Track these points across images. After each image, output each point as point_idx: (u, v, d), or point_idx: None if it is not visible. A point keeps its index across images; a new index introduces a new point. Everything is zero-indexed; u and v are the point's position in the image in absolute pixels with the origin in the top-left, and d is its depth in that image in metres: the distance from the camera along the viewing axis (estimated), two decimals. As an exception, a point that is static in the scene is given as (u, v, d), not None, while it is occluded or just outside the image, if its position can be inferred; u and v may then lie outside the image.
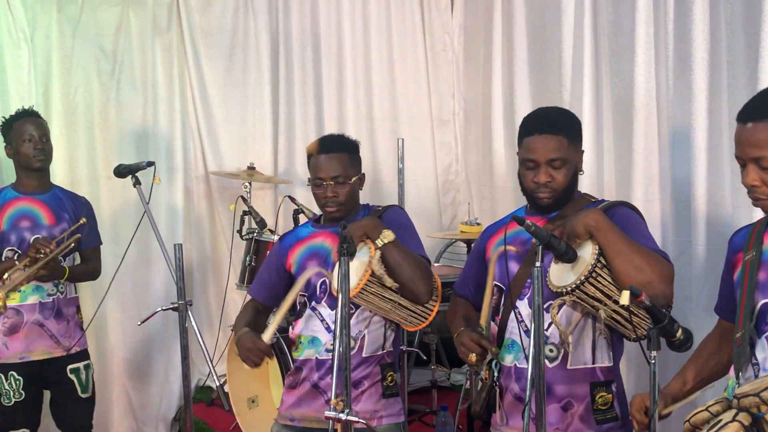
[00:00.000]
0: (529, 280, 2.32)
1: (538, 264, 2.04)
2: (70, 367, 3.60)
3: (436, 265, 4.72)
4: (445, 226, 5.28)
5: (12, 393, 3.48)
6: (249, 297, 3.03)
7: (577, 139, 2.43)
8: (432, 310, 2.69)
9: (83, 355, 3.69)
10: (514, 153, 4.48)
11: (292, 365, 2.85)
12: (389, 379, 2.75)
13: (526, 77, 4.43)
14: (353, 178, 2.76)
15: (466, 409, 4.23)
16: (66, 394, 3.62)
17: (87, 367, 3.68)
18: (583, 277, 2.09)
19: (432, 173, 5.26)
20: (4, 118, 3.65)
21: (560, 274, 2.18)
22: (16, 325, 3.49)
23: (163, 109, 4.72)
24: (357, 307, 2.66)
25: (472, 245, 4.29)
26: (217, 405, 4.54)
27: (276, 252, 2.91)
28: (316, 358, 2.71)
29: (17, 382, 3.48)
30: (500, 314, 2.43)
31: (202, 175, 4.94)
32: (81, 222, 3.55)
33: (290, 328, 2.85)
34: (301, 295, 2.77)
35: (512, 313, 2.37)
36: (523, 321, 2.35)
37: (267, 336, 2.62)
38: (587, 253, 2.12)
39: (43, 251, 3.36)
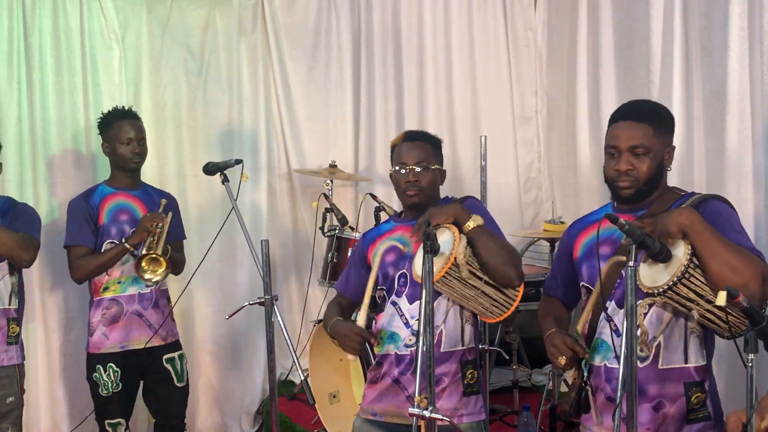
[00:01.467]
0: (619, 280, 2.27)
1: (631, 263, 1.99)
2: (166, 356, 3.73)
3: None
4: (526, 224, 5.23)
5: (110, 384, 3.61)
6: (334, 293, 3.06)
7: (666, 131, 2.36)
8: (514, 301, 2.65)
9: (177, 345, 3.82)
10: (599, 151, 4.43)
11: (373, 360, 2.87)
12: (470, 376, 2.73)
13: (612, 73, 4.35)
14: (435, 166, 2.78)
15: (549, 409, 4.17)
16: (163, 383, 3.74)
17: (181, 357, 3.80)
18: (675, 278, 2.03)
19: (513, 171, 5.21)
20: (103, 114, 3.78)
21: (651, 274, 2.12)
22: (116, 315, 3.63)
23: (248, 108, 4.80)
24: (436, 298, 2.63)
25: (557, 244, 4.28)
26: (299, 399, 4.60)
27: (359, 247, 2.95)
28: (396, 353, 2.71)
29: (115, 374, 3.61)
30: (590, 315, 2.38)
31: (285, 173, 5.00)
32: (168, 216, 3.66)
33: (373, 322, 2.86)
34: (379, 288, 2.79)
35: (602, 313, 2.33)
36: (612, 320, 2.31)
37: (361, 321, 2.66)
38: (680, 252, 2.06)
39: (158, 224, 3.51)
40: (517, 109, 5.23)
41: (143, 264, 3.54)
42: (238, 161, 3.30)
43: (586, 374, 2.38)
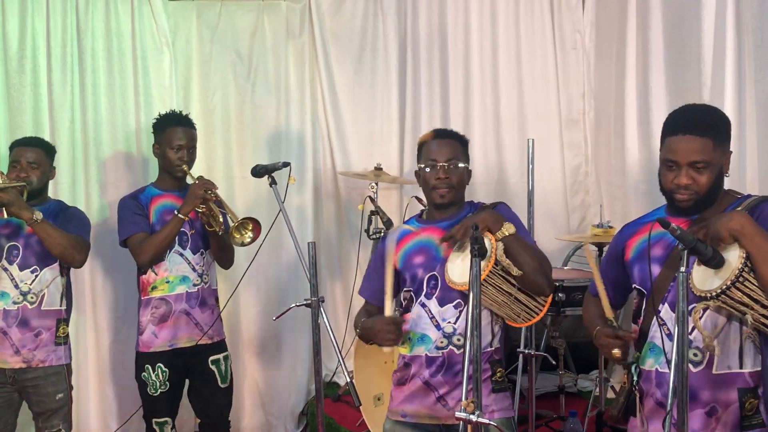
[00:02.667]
0: (671, 284, 2.25)
1: (683, 269, 1.96)
2: (211, 358, 3.77)
3: (564, 268, 4.63)
4: (573, 228, 5.17)
5: (158, 383, 3.66)
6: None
7: (725, 141, 2.32)
8: (544, 306, 2.64)
9: (222, 345, 3.85)
10: (649, 153, 4.43)
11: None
12: (498, 374, 2.72)
13: (662, 75, 4.29)
14: (464, 164, 2.77)
15: (595, 416, 4.12)
16: (207, 384, 3.79)
17: (226, 358, 3.84)
18: (729, 282, 2.00)
19: (560, 174, 5.16)
20: (159, 116, 3.84)
21: (704, 278, 2.09)
22: (165, 314, 3.68)
23: (295, 111, 4.83)
24: (466, 302, 2.61)
25: (605, 248, 4.23)
26: (343, 401, 4.61)
27: (381, 251, 2.90)
28: (426, 354, 2.69)
29: (164, 374, 3.67)
30: (641, 318, 2.37)
31: (330, 176, 5.02)
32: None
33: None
34: (406, 290, 2.78)
35: (654, 317, 2.30)
36: (665, 325, 2.28)
37: (388, 310, 2.64)
38: (733, 256, 2.02)
39: (209, 189, 3.56)
40: (564, 111, 5.18)
41: (234, 234, 3.54)
42: (286, 164, 3.32)
43: (635, 379, 2.35)
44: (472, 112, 5.04)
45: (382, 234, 4.35)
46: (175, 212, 3.60)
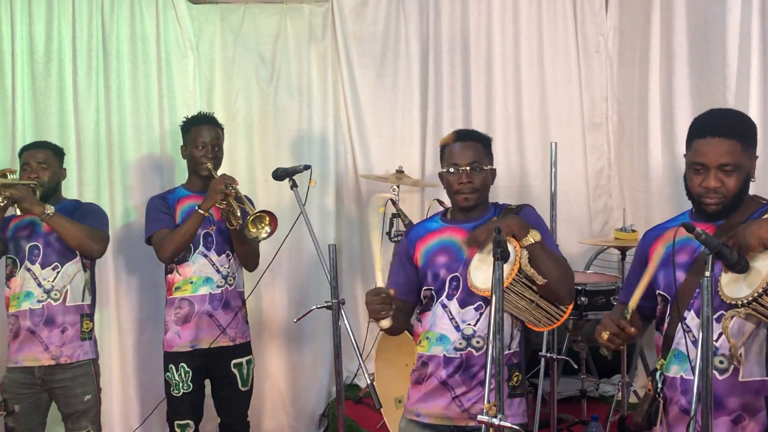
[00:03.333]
0: (697, 290, 2.23)
1: (707, 274, 1.94)
2: (234, 361, 3.78)
3: (587, 272, 4.61)
4: (595, 232, 5.14)
5: (181, 384, 3.68)
6: None
7: (752, 145, 2.30)
8: (565, 312, 2.62)
9: (246, 348, 3.86)
10: (672, 158, 4.40)
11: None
12: (515, 379, 2.70)
13: (686, 78, 4.26)
14: (488, 166, 2.75)
15: (617, 420, 4.09)
16: (228, 387, 3.80)
17: (249, 362, 3.85)
18: (761, 290, 1.97)
19: (582, 178, 5.13)
20: (186, 118, 3.87)
21: (733, 285, 2.06)
22: (188, 315, 3.71)
23: (317, 114, 4.84)
24: (487, 305, 2.61)
25: (628, 252, 4.21)
26: (364, 403, 4.61)
27: (404, 245, 2.89)
28: (444, 355, 2.68)
29: (186, 374, 3.68)
30: (666, 324, 2.35)
31: (352, 178, 5.03)
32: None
33: (417, 321, 2.82)
34: (426, 288, 2.76)
35: (679, 323, 2.28)
36: (690, 331, 2.25)
37: (379, 281, 2.59)
38: (763, 265, 2.00)
39: (231, 184, 3.56)
40: (586, 115, 5.15)
41: (251, 228, 3.51)
42: (307, 167, 3.34)
43: (660, 385, 2.33)
44: (494, 115, 5.03)
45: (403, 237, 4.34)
46: (196, 208, 3.61)
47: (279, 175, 3.42)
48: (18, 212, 3.43)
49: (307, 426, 4.84)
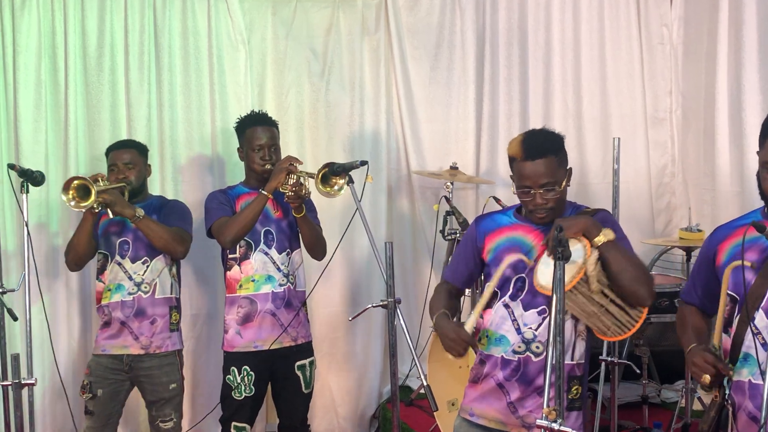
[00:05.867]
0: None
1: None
2: (298, 363, 3.73)
3: (650, 273, 4.44)
4: (658, 231, 4.98)
5: (244, 387, 3.64)
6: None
7: None
8: (637, 322, 2.50)
9: (308, 349, 3.81)
10: (741, 154, 4.22)
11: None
12: (574, 391, 2.61)
13: (756, 71, 4.15)
14: (563, 183, 2.58)
15: (681, 428, 3.94)
16: (290, 389, 3.75)
17: (311, 364, 3.80)
18: None
19: (645, 175, 4.98)
20: (239, 117, 3.83)
21: None
22: (250, 314, 3.66)
23: (369, 109, 4.77)
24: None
25: (693, 252, 4.04)
26: (416, 405, 4.53)
27: (472, 236, 2.79)
28: (502, 356, 2.61)
29: (249, 377, 3.63)
30: (734, 326, 2.24)
31: (404, 175, 4.95)
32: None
33: (480, 318, 2.71)
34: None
35: (748, 326, 2.17)
36: (760, 334, 2.15)
37: (469, 326, 2.55)
38: None
39: (295, 162, 3.54)
40: (649, 109, 5.01)
41: (322, 188, 3.46)
42: (363, 162, 3.24)
43: (727, 392, 2.24)
44: (552, 110, 4.90)
45: (458, 235, 4.24)
46: (260, 190, 3.56)
47: (335, 170, 3.35)
48: (111, 215, 3.53)
49: (358, 427, 4.77)
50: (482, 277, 2.80)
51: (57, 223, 4.21)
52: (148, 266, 3.65)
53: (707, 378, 2.18)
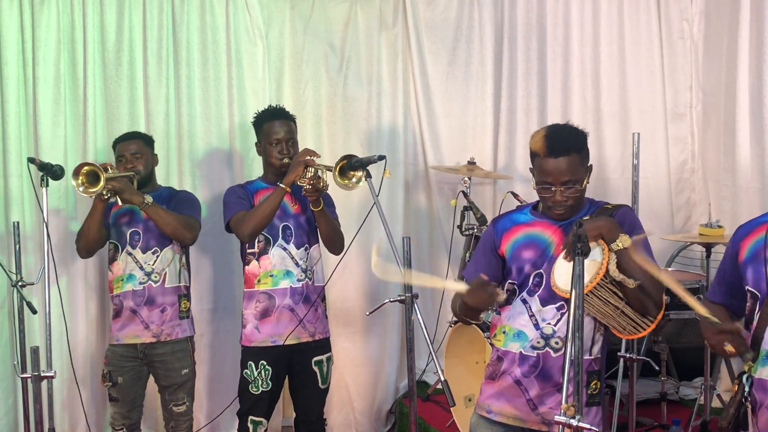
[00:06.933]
0: None
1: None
2: (315, 358, 3.72)
3: (669, 269, 4.41)
4: (677, 227, 4.94)
5: (261, 382, 3.64)
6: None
7: None
8: (653, 322, 2.49)
9: (326, 345, 3.80)
10: (762, 150, 4.17)
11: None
12: (593, 387, 2.59)
13: (777, 66, 4.04)
14: (584, 181, 2.56)
15: (699, 425, 3.91)
16: (307, 384, 3.75)
17: (329, 360, 3.80)
18: None
19: (664, 171, 4.93)
20: (257, 112, 3.83)
21: None
22: (268, 309, 3.66)
23: (387, 103, 4.76)
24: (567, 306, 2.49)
25: (714, 249, 4.00)
26: (432, 400, 4.53)
27: (490, 234, 2.77)
28: (521, 352, 2.59)
29: (267, 372, 3.63)
30: (755, 323, 2.22)
31: (422, 170, 4.93)
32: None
33: (495, 313, 2.73)
34: (510, 282, 2.66)
35: None
36: None
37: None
38: None
39: (313, 156, 3.54)
40: (669, 104, 4.95)
41: (340, 180, 3.43)
42: (381, 157, 3.22)
43: (747, 389, 2.21)
44: (571, 105, 4.86)
45: (475, 230, 4.23)
46: (278, 184, 3.55)
47: (353, 165, 3.34)
48: (120, 203, 3.62)
49: (374, 422, 4.77)
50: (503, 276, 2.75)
51: (76, 215, 4.23)
52: (158, 256, 3.72)
53: (729, 347, 2.14)
